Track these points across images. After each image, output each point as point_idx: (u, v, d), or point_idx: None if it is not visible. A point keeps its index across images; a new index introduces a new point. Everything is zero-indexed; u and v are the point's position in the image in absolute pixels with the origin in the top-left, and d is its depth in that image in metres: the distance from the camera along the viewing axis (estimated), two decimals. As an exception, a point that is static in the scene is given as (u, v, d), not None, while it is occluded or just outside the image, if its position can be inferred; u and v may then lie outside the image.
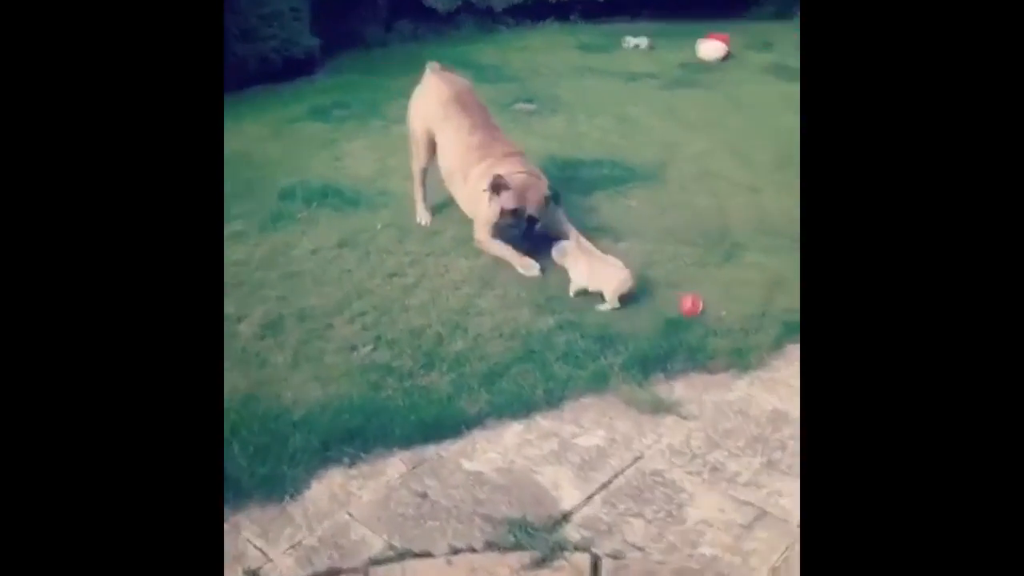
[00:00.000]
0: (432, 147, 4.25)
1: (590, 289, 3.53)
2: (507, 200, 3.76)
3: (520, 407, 2.90)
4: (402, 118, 6.04)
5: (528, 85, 6.96)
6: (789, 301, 3.37)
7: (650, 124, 5.98)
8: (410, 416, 2.83)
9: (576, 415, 2.88)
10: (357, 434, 2.74)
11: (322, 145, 5.52)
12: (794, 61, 7.65)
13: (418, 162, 4.34)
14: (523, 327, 3.35)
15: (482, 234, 3.94)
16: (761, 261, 3.86)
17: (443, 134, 4.16)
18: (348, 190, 4.69)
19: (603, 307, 3.45)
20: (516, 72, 7.41)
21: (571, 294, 3.57)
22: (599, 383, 3.01)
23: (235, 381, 2.96)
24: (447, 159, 4.18)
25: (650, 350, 3.16)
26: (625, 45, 8.33)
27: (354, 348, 3.23)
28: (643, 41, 8.27)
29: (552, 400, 2.94)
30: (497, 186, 3.76)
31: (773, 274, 3.73)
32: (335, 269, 3.83)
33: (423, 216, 4.32)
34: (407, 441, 2.73)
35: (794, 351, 3.14)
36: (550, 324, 3.36)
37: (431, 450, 2.70)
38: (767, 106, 6.41)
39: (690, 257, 3.90)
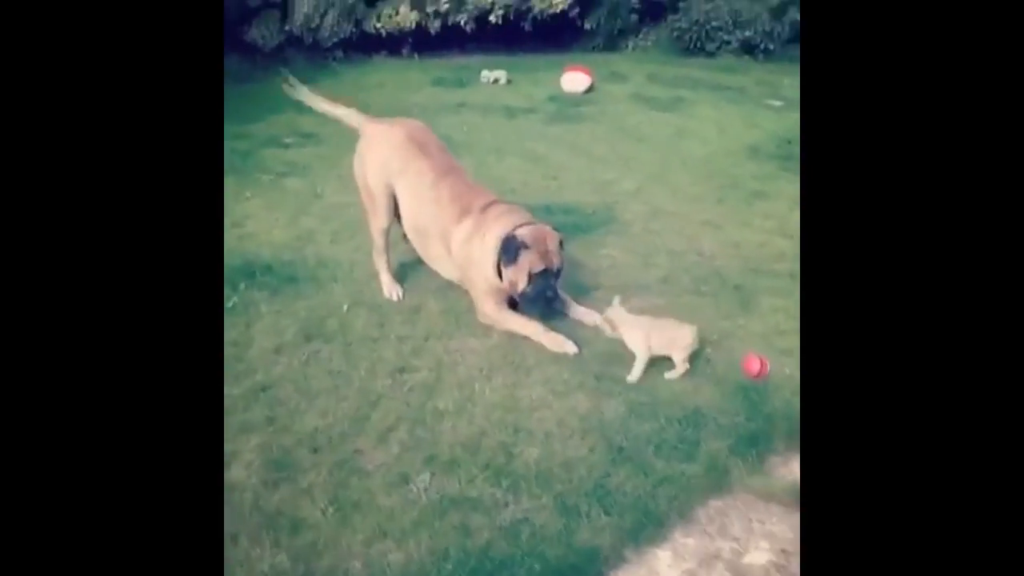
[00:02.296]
0: (394, 204, 3.51)
1: (656, 354, 3.04)
2: (533, 262, 3.09)
3: (651, 526, 2.34)
4: (289, 170, 5.21)
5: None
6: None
7: (563, 163, 5.62)
8: (534, 565, 2.17)
9: (719, 525, 2.38)
10: (485, 608, 2.04)
11: (208, 209, 4.48)
12: (654, 91, 7.75)
13: (379, 223, 3.56)
14: (592, 419, 2.78)
15: (490, 307, 3.28)
16: (779, 304, 3.60)
17: (404, 187, 3.43)
18: (277, 263, 3.80)
19: (672, 374, 2.98)
20: (387, 112, 6.69)
21: (636, 374, 2.99)
22: (720, 478, 2.54)
23: (272, 561, 2.10)
24: (414, 218, 3.45)
25: (754, 428, 2.75)
26: (483, 80, 7.95)
27: (406, 480, 2.47)
28: (501, 75, 7.94)
29: (680, 509, 2.42)
30: (514, 248, 3.11)
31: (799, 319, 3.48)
32: (319, 372, 2.99)
33: (392, 289, 3.56)
34: (549, 603, 2.08)
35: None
36: (620, 410, 2.83)
37: (589, 611, 2.07)
38: (659, 136, 6.35)
39: (708, 310, 3.55)
